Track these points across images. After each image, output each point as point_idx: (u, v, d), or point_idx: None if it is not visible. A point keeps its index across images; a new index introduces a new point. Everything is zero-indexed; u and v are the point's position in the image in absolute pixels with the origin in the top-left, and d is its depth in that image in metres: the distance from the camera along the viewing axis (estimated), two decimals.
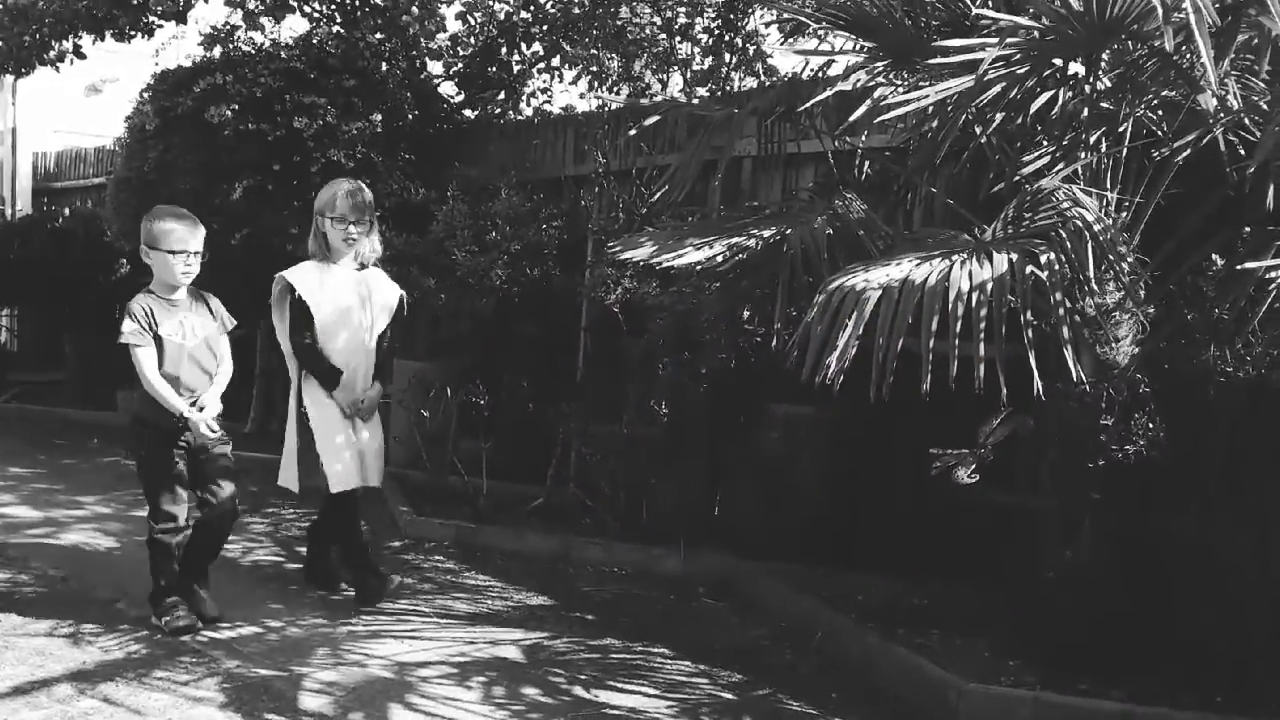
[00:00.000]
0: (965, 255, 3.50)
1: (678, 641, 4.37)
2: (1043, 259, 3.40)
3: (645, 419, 5.68)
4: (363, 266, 4.70)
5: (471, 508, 6.04)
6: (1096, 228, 3.55)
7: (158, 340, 4.11)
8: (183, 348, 4.16)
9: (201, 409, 4.18)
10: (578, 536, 5.68)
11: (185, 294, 4.26)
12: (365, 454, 4.64)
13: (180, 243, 4.14)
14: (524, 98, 8.55)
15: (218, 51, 8.17)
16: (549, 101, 8.56)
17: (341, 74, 7.61)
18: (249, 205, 7.55)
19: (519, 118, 8.46)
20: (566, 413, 6.12)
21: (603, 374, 6.31)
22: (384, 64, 7.92)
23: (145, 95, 8.25)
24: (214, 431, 4.17)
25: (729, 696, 3.85)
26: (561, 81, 8.44)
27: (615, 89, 7.63)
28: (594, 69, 7.73)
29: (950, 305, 3.27)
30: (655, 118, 5.48)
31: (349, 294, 4.62)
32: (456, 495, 6.29)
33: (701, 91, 6.96)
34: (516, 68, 8.52)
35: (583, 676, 3.94)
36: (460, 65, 8.60)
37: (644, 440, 5.67)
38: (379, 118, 7.67)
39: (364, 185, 4.74)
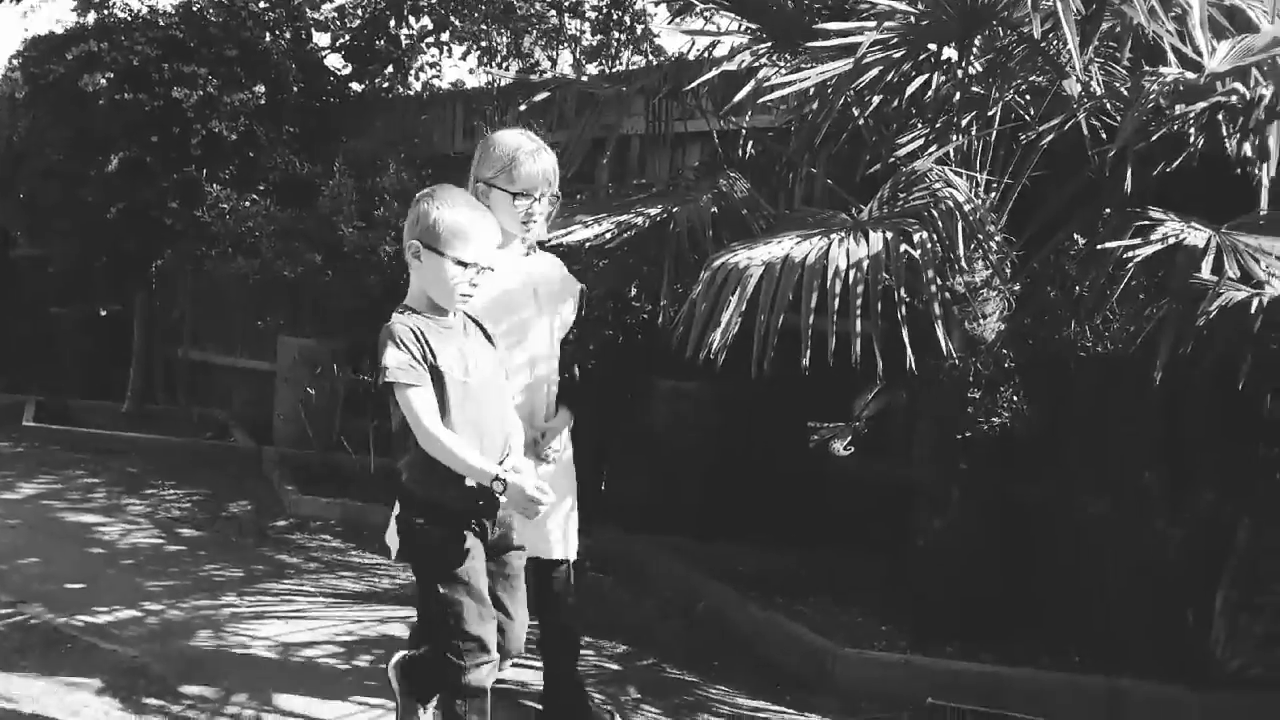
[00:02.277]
0: (843, 234, 3.59)
1: None
2: (916, 238, 3.52)
3: None
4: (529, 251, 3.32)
5: (359, 486, 5.99)
6: (967, 208, 3.67)
7: (435, 377, 2.67)
8: (466, 387, 2.70)
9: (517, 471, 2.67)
10: None
11: (457, 315, 2.84)
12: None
13: (478, 254, 2.74)
14: (412, 72, 8.45)
15: (92, 17, 7.88)
16: (438, 76, 8.49)
17: (223, 43, 7.41)
18: (126, 178, 7.31)
19: (408, 92, 8.36)
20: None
21: None
22: (268, 34, 7.74)
23: (14, 62, 7.92)
24: (545, 497, 2.62)
25: (614, 667, 3.91)
26: (450, 56, 8.37)
27: (504, 65, 7.59)
28: (483, 44, 7.68)
29: (829, 283, 3.36)
30: (544, 94, 5.48)
31: (523, 291, 3.22)
32: (345, 473, 6.23)
33: (591, 69, 6.97)
34: (405, 41, 8.41)
35: None
36: (347, 37, 8.46)
37: None
38: (262, 89, 7.50)
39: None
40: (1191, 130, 3.56)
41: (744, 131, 5.09)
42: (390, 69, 8.41)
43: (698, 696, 3.67)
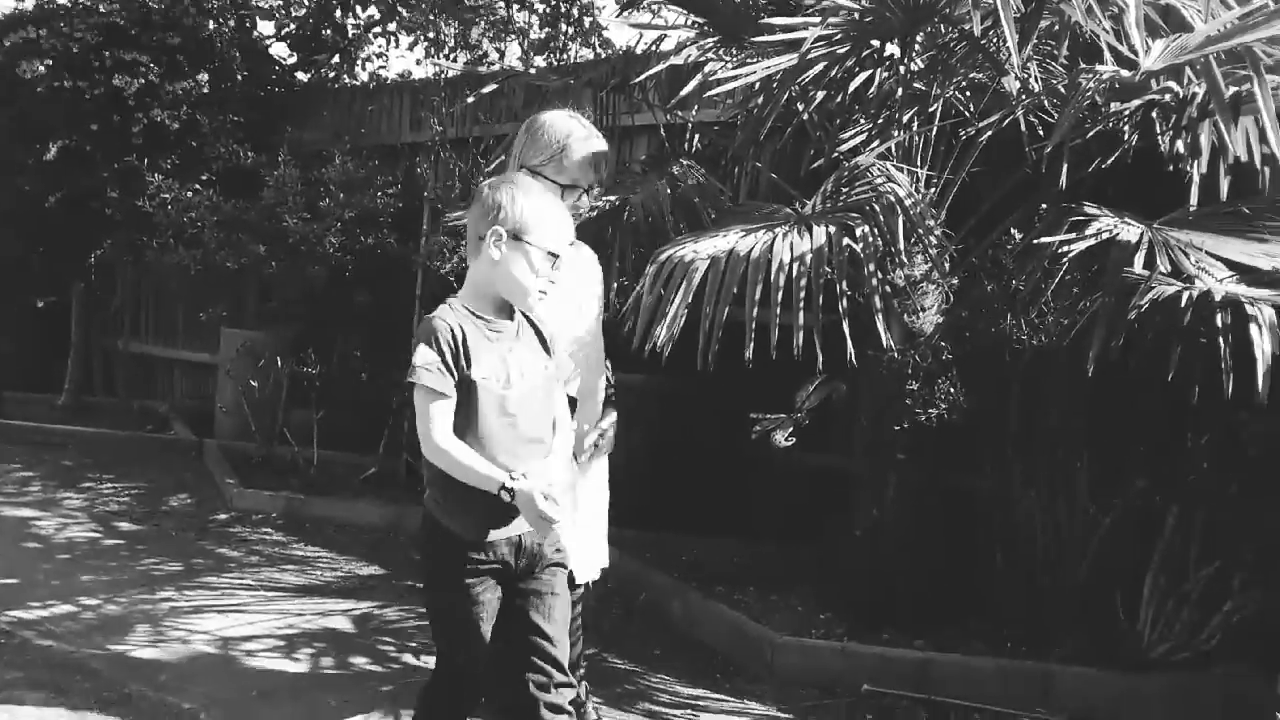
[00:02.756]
0: (787, 228, 3.63)
1: None
2: (858, 232, 3.55)
3: None
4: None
5: (302, 479, 5.94)
6: (908, 203, 3.72)
7: (465, 386, 2.37)
8: (503, 401, 2.40)
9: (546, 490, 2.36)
10: (409, 505, 5.65)
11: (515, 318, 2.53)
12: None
13: (561, 242, 2.48)
14: (359, 62, 8.39)
15: (30, 3, 7.72)
16: (385, 67, 8.44)
17: (165, 30, 7.30)
18: (65, 167, 7.19)
19: (354, 82, 8.29)
20: (399, 381, 6.05)
21: None
22: (211, 21, 7.63)
23: None
24: (554, 509, 2.32)
25: None
26: (398, 47, 8.34)
27: (452, 56, 7.56)
28: (431, 35, 7.63)
29: (773, 276, 3.39)
30: (493, 86, 5.47)
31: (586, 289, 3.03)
32: (286, 466, 6.18)
33: (539, 61, 6.96)
34: (351, 31, 8.34)
35: (412, 644, 3.94)
36: (293, 26, 8.36)
37: None
38: (205, 78, 7.41)
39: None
40: (1126, 127, 3.64)
41: (690, 125, 5.12)
42: (336, 59, 8.34)
43: (639, 685, 3.70)
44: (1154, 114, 3.62)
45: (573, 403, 2.97)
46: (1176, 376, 3.05)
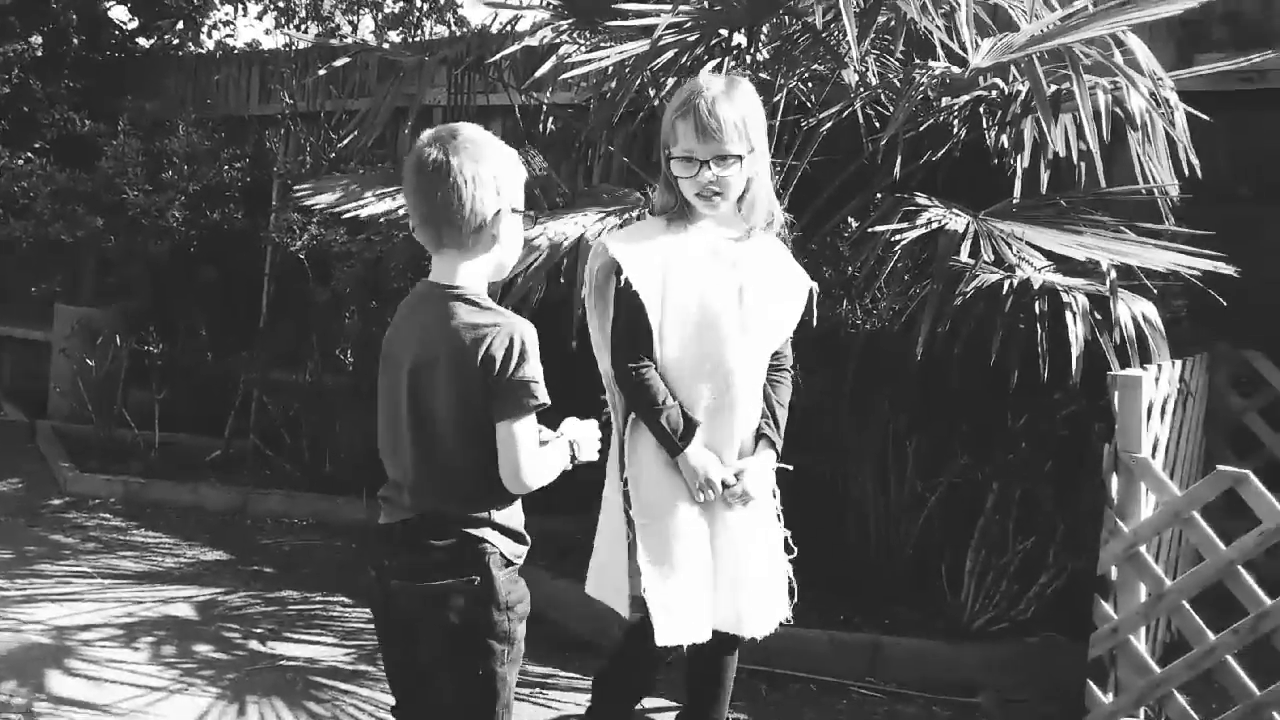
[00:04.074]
0: (637, 211, 3.72)
1: (358, 589, 4.35)
2: None
3: (331, 368, 5.60)
4: (749, 233, 2.62)
5: (143, 462, 5.76)
6: None
7: None
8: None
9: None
10: (258, 488, 5.54)
11: None
12: (735, 579, 2.56)
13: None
14: (205, 29, 8.09)
15: None
16: (232, 35, 8.17)
17: None
18: None
19: (200, 51, 8.00)
20: (247, 361, 5.93)
21: (287, 322, 6.14)
22: None
23: None
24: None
25: None
26: (245, 15, 8.06)
27: (303, 27, 7.36)
28: (280, 4, 7.42)
29: None
30: (345, 60, 5.39)
31: (718, 282, 2.54)
32: (126, 449, 5.97)
33: (393, 36, 6.85)
34: None
35: (259, 630, 3.89)
36: None
37: (329, 389, 5.59)
38: (39, 40, 7.06)
39: (734, 85, 2.55)
40: (956, 121, 3.82)
41: (545, 107, 5.14)
42: (181, 25, 8.03)
43: None
44: (982, 109, 3.81)
45: None
46: (998, 360, 3.24)
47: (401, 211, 4.34)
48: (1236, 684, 2.73)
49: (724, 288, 2.51)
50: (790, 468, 2.69)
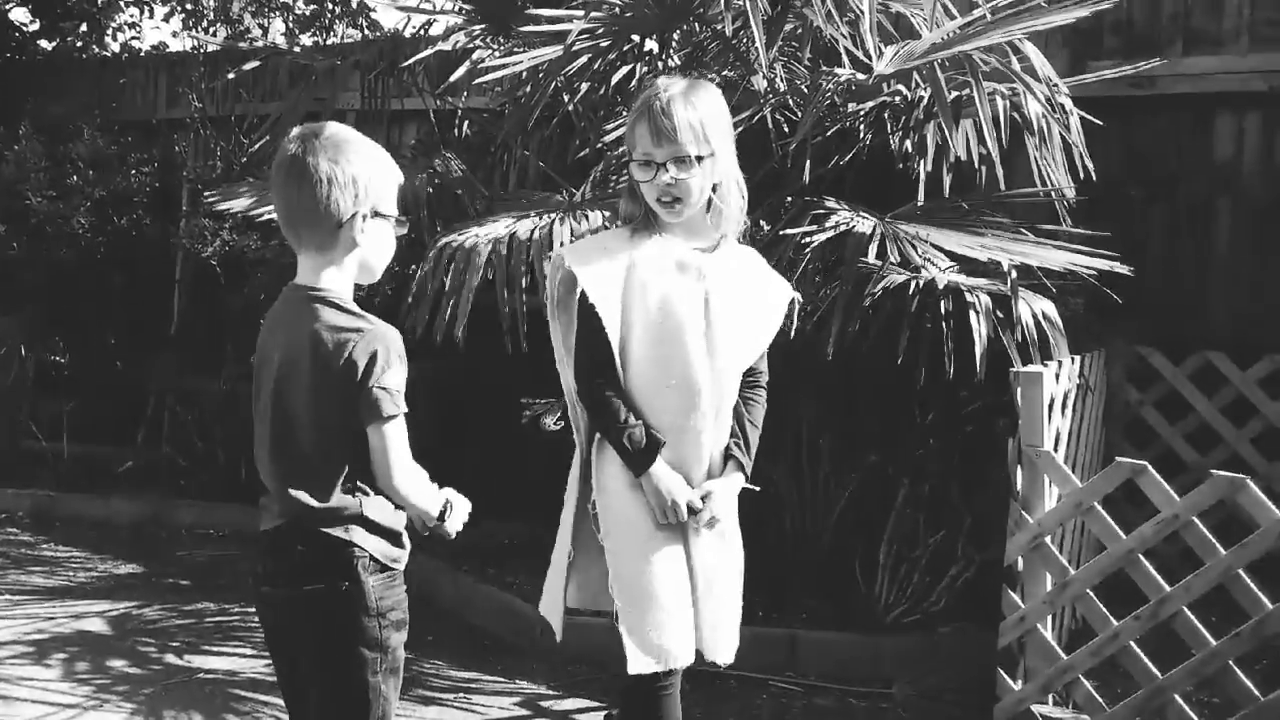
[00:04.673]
0: (562, 214, 3.79)
1: None
2: None
3: (246, 374, 5.51)
4: (720, 242, 2.46)
5: (52, 474, 5.64)
6: None
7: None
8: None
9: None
10: (172, 499, 5.46)
11: None
12: (700, 604, 2.47)
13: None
14: (110, 31, 7.89)
15: None
16: (138, 38, 7.96)
17: None
18: None
19: (105, 54, 7.81)
20: (158, 368, 5.83)
21: (199, 329, 6.06)
22: None
23: None
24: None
25: None
26: (152, 17, 7.87)
27: (212, 30, 7.24)
28: (188, 6, 7.29)
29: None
30: (256, 63, 5.32)
31: (683, 294, 2.38)
32: (35, 461, 5.83)
33: (305, 39, 6.78)
34: None
35: (175, 643, 3.84)
36: None
37: (244, 396, 5.50)
38: None
39: (695, 87, 2.42)
40: (862, 127, 3.91)
41: (460, 111, 5.14)
42: (84, 27, 7.82)
43: (412, 671, 3.71)
44: (886, 115, 3.90)
45: None
46: (905, 358, 3.33)
47: None
48: (1139, 668, 2.81)
49: (689, 299, 2.36)
50: (758, 489, 2.59)
